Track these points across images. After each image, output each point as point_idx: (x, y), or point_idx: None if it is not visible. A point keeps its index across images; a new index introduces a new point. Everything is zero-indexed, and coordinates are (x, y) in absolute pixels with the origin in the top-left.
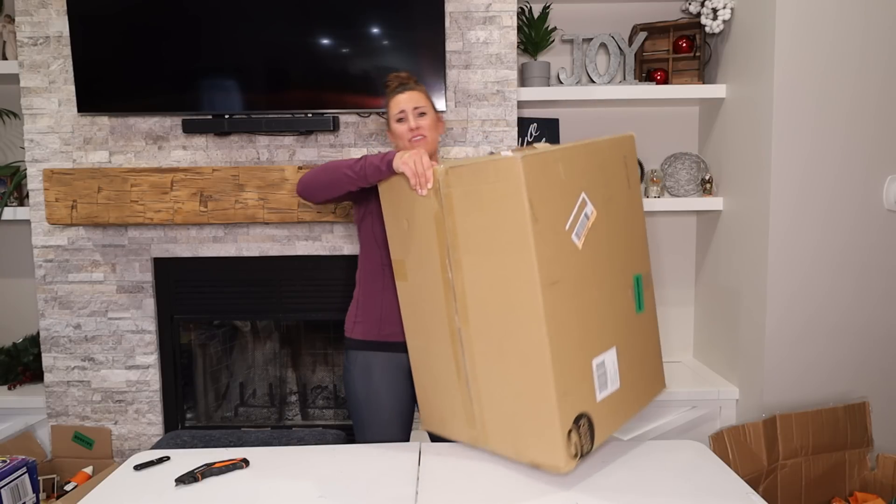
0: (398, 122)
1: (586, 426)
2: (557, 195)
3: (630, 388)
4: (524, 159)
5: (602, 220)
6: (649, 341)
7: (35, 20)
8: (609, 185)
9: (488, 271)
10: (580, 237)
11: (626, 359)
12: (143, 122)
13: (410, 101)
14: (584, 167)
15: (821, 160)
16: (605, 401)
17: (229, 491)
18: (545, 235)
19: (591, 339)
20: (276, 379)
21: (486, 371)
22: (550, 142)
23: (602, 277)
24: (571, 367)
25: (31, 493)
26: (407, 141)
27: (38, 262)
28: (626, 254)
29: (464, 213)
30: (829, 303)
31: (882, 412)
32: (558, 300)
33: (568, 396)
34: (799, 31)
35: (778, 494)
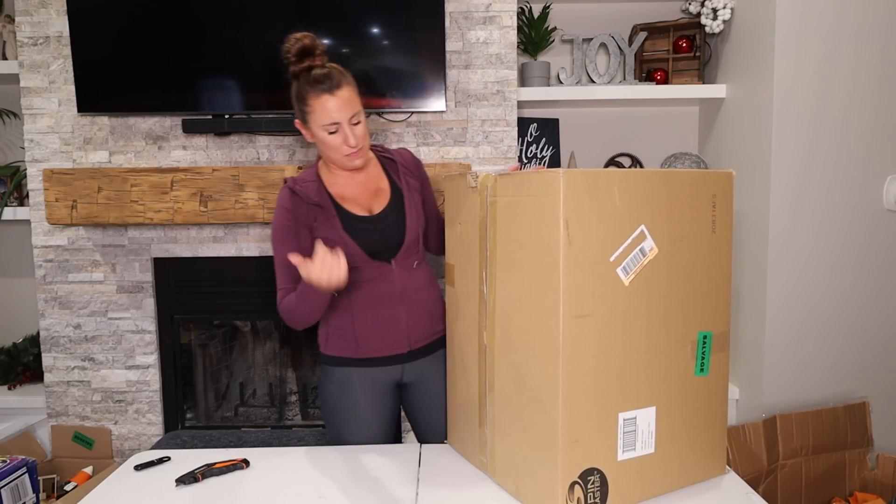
0: (330, 134)
1: (597, 484)
2: (606, 221)
3: (672, 459)
4: (566, 173)
5: (665, 261)
6: (709, 413)
7: (35, 20)
8: (683, 223)
9: (518, 291)
10: (629, 273)
11: (669, 424)
12: (143, 122)
13: (346, 110)
14: (649, 196)
15: (821, 160)
16: (631, 463)
17: (230, 491)
18: (580, 261)
19: (623, 389)
20: (276, 379)
21: (501, 397)
22: (549, 142)
23: (652, 324)
24: (588, 413)
25: (31, 493)
26: (342, 156)
27: (38, 262)
28: (694, 305)
29: (505, 225)
30: (829, 303)
31: (882, 412)
32: (584, 336)
33: (577, 445)
34: (799, 31)
35: (778, 494)
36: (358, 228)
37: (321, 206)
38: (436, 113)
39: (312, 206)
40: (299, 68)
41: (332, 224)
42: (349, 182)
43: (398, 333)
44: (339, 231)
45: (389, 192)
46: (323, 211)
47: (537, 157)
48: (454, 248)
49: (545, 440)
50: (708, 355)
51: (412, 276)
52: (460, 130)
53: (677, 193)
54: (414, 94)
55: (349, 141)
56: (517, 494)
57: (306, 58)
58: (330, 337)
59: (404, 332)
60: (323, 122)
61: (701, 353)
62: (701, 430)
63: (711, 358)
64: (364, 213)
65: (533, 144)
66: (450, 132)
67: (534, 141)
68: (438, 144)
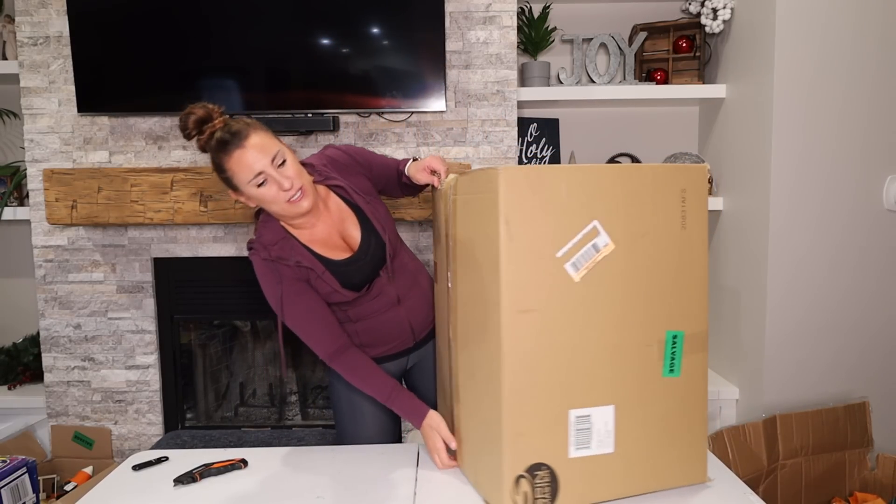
0: (260, 188)
1: (546, 480)
2: (553, 216)
3: (638, 461)
4: (505, 170)
5: (623, 257)
6: (684, 416)
7: (35, 20)
8: (644, 218)
9: (471, 286)
10: (579, 269)
11: (633, 424)
12: (143, 122)
13: (262, 156)
14: (604, 191)
15: (821, 160)
16: (587, 461)
17: (228, 491)
18: (523, 256)
19: (574, 385)
20: (276, 379)
21: (464, 391)
22: (549, 142)
23: (608, 321)
24: (535, 408)
25: (31, 493)
26: (286, 204)
27: (38, 262)
28: (661, 303)
29: (462, 222)
30: (829, 303)
31: (882, 412)
32: (528, 331)
33: (521, 438)
34: (799, 30)
35: (778, 494)
36: (351, 274)
37: (308, 268)
38: (436, 113)
39: (299, 267)
40: (203, 140)
41: (326, 280)
42: (318, 223)
43: (403, 333)
44: (335, 286)
45: (355, 216)
46: (311, 271)
47: (537, 157)
48: (437, 247)
49: (492, 432)
50: (679, 356)
51: (402, 275)
52: (460, 130)
53: (637, 188)
54: (414, 94)
55: (283, 185)
56: (476, 486)
57: (206, 126)
58: None
59: (408, 330)
60: (247, 178)
61: (670, 354)
62: (674, 434)
63: (684, 359)
64: (345, 252)
65: (533, 144)
66: (450, 132)
67: (534, 141)
68: (438, 144)
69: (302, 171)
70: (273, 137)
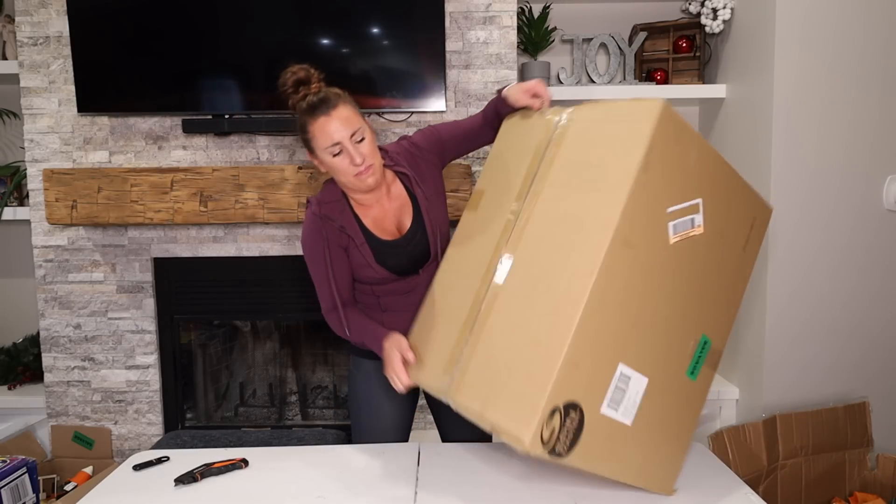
0: (335, 157)
1: (575, 423)
2: (678, 173)
3: (637, 446)
4: (666, 107)
5: (704, 246)
6: (680, 423)
7: (35, 20)
8: (728, 222)
9: (565, 207)
10: (676, 233)
11: (650, 407)
12: (143, 122)
13: (345, 128)
14: (713, 178)
15: (821, 160)
16: (607, 423)
17: (228, 491)
18: (646, 193)
19: (631, 341)
20: (276, 379)
21: (505, 310)
22: None
23: (675, 296)
24: (595, 345)
25: (31, 493)
26: (353, 178)
27: (38, 262)
28: (710, 305)
29: (572, 147)
30: (830, 302)
31: (882, 412)
32: (622, 266)
33: (575, 370)
34: (799, 31)
35: (778, 494)
36: (387, 255)
37: (349, 235)
38: (436, 113)
39: (342, 232)
40: (296, 99)
41: (363, 252)
42: (374, 202)
43: None
44: (369, 259)
45: (412, 207)
46: (352, 239)
47: None
48: (491, 175)
49: (546, 354)
50: (701, 362)
51: None
52: None
53: (731, 194)
54: (414, 94)
55: (355, 159)
56: (482, 415)
57: (301, 87)
58: None
59: None
60: (325, 144)
61: (697, 356)
62: (667, 435)
63: (703, 366)
64: (391, 236)
65: None
66: None
67: None
68: None
69: (376, 152)
70: (358, 114)
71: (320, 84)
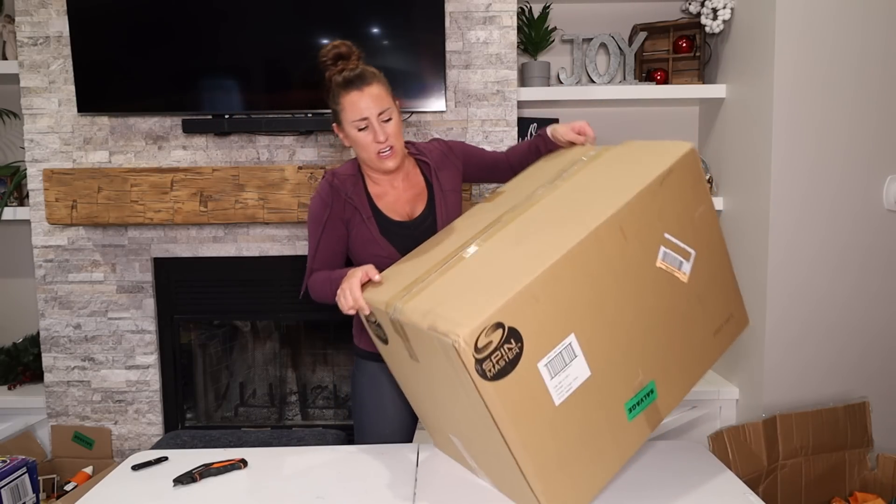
0: (360, 132)
1: (511, 354)
2: (683, 212)
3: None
4: (695, 150)
5: (680, 295)
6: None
7: (35, 20)
8: (709, 297)
9: (576, 197)
10: (664, 261)
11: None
12: (143, 122)
13: (374, 105)
14: (711, 247)
15: (821, 160)
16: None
17: (227, 491)
18: (654, 202)
19: (587, 323)
20: (276, 379)
21: (486, 253)
22: None
23: (637, 316)
24: (558, 296)
25: (31, 493)
26: (374, 155)
27: (38, 262)
28: (665, 356)
29: (598, 165)
30: (830, 302)
31: (882, 412)
32: (607, 246)
33: (534, 304)
34: (799, 30)
35: (778, 494)
36: (393, 233)
37: (357, 209)
38: (436, 113)
39: (349, 205)
40: (333, 71)
41: (368, 226)
42: (389, 186)
43: None
44: (375, 234)
45: (427, 195)
46: (359, 212)
47: None
48: (516, 181)
49: (511, 279)
50: (641, 408)
51: None
52: (460, 130)
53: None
54: (414, 94)
55: (378, 136)
56: (421, 321)
57: (340, 62)
58: (364, 330)
59: None
60: (352, 118)
61: (640, 397)
62: (585, 454)
63: (641, 415)
64: (401, 217)
65: None
66: (450, 132)
67: None
68: None
69: (400, 136)
70: (390, 95)
71: (359, 62)
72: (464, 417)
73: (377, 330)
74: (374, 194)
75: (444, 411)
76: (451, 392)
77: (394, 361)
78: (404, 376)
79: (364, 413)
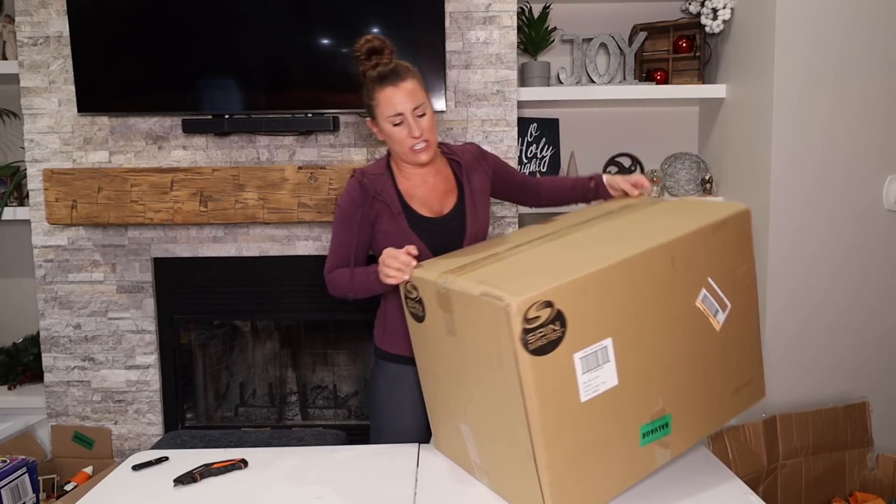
0: (395, 127)
1: (555, 336)
2: (727, 265)
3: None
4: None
5: (713, 342)
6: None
7: (35, 20)
8: (734, 352)
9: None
10: (702, 302)
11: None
12: (143, 122)
13: (409, 101)
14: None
15: (820, 160)
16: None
17: (228, 491)
18: (704, 245)
19: (624, 333)
20: (276, 379)
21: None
22: (549, 142)
23: (668, 345)
24: (605, 297)
25: (31, 493)
26: (408, 149)
27: (38, 262)
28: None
29: (659, 209)
30: (829, 302)
31: (882, 412)
32: (657, 269)
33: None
34: (799, 31)
35: (778, 494)
36: (423, 229)
37: (387, 203)
38: (436, 113)
39: (378, 201)
40: (367, 66)
41: (398, 221)
42: (420, 181)
43: None
44: (404, 228)
45: (457, 193)
46: (388, 207)
47: (537, 156)
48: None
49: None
50: (655, 437)
51: None
52: (460, 130)
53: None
54: None
55: (413, 132)
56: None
57: (374, 56)
58: (387, 332)
59: None
60: (387, 113)
61: (655, 425)
62: (597, 463)
63: (653, 444)
64: (431, 213)
65: (533, 144)
66: (450, 132)
67: (534, 141)
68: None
69: (434, 130)
70: (423, 90)
71: (392, 56)
72: (486, 397)
73: (415, 307)
74: (403, 191)
75: (463, 393)
76: (484, 366)
77: (425, 341)
78: (432, 357)
79: (382, 415)
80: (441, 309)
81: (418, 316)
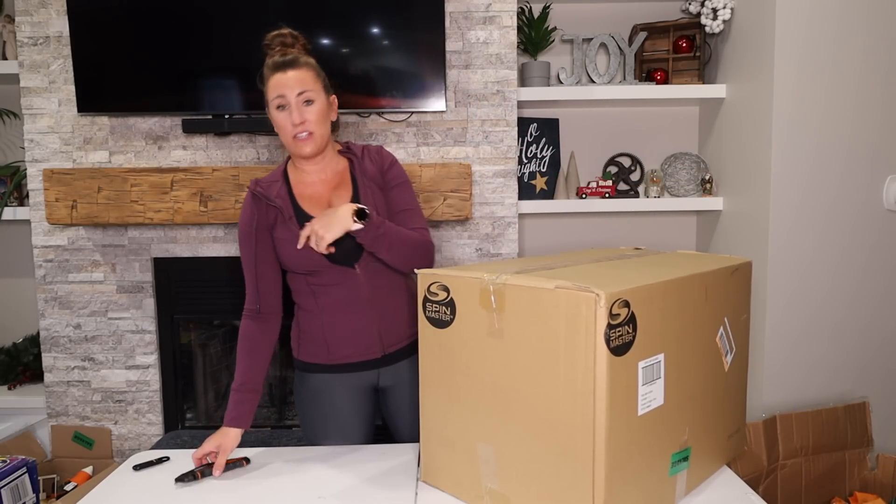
0: (277, 110)
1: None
2: (738, 309)
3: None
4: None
5: (722, 382)
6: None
7: (35, 20)
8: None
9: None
10: (720, 341)
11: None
12: (143, 122)
13: (295, 85)
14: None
15: (820, 160)
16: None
17: (229, 490)
18: (724, 286)
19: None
20: (276, 379)
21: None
22: (549, 142)
23: (694, 374)
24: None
25: (31, 493)
26: (291, 138)
27: (38, 262)
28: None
29: (670, 255)
30: (830, 303)
31: (882, 412)
32: (693, 292)
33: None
34: (799, 31)
35: (778, 494)
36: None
37: (279, 208)
38: (436, 113)
39: (272, 207)
40: (270, 55)
41: (289, 225)
42: (311, 180)
43: (370, 339)
44: (295, 232)
45: (351, 192)
46: (281, 213)
47: (537, 156)
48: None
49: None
50: (679, 468)
51: (380, 280)
52: (460, 130)
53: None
54: (414, 94)
55: (294, 119)
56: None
57: (280, 48)
58: (301, 342)
59: (377, 337)
60: (271, 97)
61: (679, 456)
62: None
63: (680, 472)
64: (320, 211)
65: (533, 144)
66: (450, 132)
67: (534, 141)
68: (438, 144)
69: (322, 123)
70: (318, 82)
71: (301, 50)
72: (535, 405)
73: (438, 310)
74: (297, 193)
75: (496, 405)
76: (540, 368)
77: (446, 348)
78: (452, 366)
79: (314, 427)
80: (485, 309)
81: (443, 321)
